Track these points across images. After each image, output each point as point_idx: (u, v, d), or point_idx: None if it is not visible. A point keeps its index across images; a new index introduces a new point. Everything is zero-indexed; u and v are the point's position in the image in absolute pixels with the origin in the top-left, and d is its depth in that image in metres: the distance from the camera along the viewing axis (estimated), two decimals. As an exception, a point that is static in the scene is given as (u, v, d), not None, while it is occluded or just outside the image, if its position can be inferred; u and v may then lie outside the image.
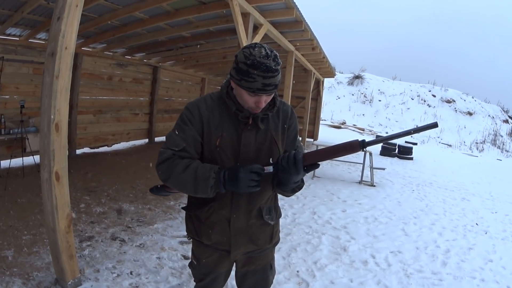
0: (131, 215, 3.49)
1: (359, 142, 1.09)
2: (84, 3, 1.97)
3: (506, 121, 18.37)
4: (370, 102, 19.01)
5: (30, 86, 4.92)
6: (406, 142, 10.28)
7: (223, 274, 1.40)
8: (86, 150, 6.35)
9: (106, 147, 6.85)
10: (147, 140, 8.12)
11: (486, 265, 3.08)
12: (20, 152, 4.56)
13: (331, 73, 10.80)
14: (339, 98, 19.65)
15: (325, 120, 16.83)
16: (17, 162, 4.55)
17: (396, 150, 9.94)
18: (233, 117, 1.21)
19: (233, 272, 1.46)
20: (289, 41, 5.73)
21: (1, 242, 2.58)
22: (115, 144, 7.13)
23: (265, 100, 1.15)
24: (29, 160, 4.62)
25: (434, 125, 1.07)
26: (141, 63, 7.31)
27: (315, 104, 11.55)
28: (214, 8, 4.03)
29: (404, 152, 9.80)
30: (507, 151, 15.55)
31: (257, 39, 4.17)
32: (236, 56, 1.12)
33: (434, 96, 19.36)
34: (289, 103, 1.82)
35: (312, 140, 10.93)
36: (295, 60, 6.56)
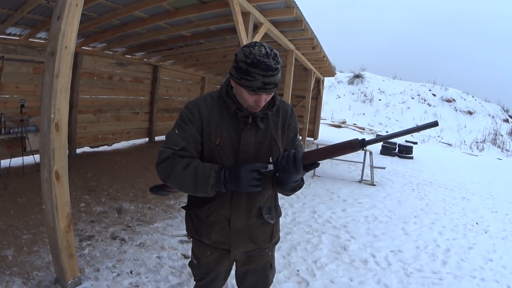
0: (131, 214, 3.49)
1: (359, 141, 1.08)
2: (84, 2, 1.97)
3: (506, 121, 18.36)
4: (370, 101, 19.00)
5: (30, 86, 4.92)
6: (406, 141, 10.25)
7: (223, 273, 1.40)
8: (86, 149, 6.35)
9: (106, 146, 6.85)
10: (147, 139, 8.12)
11: (486, 265, 3.08)
12: (20, 151, 4.57)
13: (331, 72, 10.80)
14: (339, 97, 19.65)
15: (325, 119, 16.83)
16: (17, 161, 4.56)
17: (396, 149, 9.93)
18: (232, 116, 1.20)
19: (233, 271, 1.46)
20: (289, 40, 5.73)
21: (1, 241, 2.59)
22: (115, 143, 7.13)
23: (265, 99, 1.14)
24: (29, 159, 4.62)
25: (434, 124, 1.07)
26: (141, 62, 7.30)
27: (315, 103, 11.55)
28: (214, 7, 4.02)
29: (404, 151, 9.79)
30: (507, 151, 15.55)
31: (257, 38, 4.17)
32: (236, 55, 1.12)
33: (434, 95, 19.35)
34: (289, 102, 1.81)
35: (312, 139, 10.92)
36: (295, 59, 6.56)
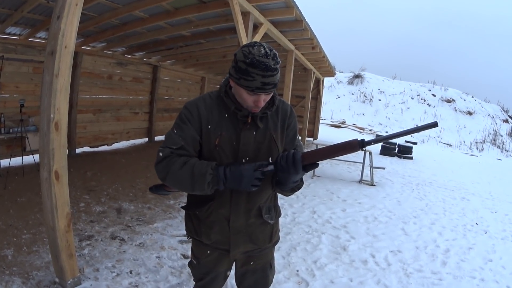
0: (130, 214, 3.49)
1: (359, 141, 1.08)
2: (84, 2, 1.97)
3: (506, 121, 18.36)
4: (370, 102, 19.00)
5: (30, 85, 4.92)
6: (406, 141, 10.27)
7: (222, 274, 1.40)
8: (86, 149, 6.35)
9: (106, 146, 6.85)
10: (147, 139, 8.12)
11: (486, 265, 3.08)
12: (20, 151, 4.57)
13: (331, 72, 10.80)
14: (339, 97, 19.64)
15: (325, 119, 16.83)
16: (16, 161, 4.56)
17: (396, 149, 9.93)
18: (232, 116, 1.20)
19: (233, 271, 1.45)
20: (289, 40, 5.73)
21: (1, 241, 2.58)
22: (115, 143, 7.13)
23: (264, 99, 1.14)
24: (28, 159, 4.62)
25: (434, 124, 1.06)
26: (141, 62, 7.30)
27: (315, 103, 11.54)
28: (214, 7, 4.02)
29: (404, 152, 9.79)
30: (507, 151, 15.55)
31: (257, 38, 4.17)
32: (235, 54, 1.12)
33: (434, 95, 19.35)
34: (289, 102, 1.81)
35: (312, 139, 10.92)
36: (295, 59, 6.56)
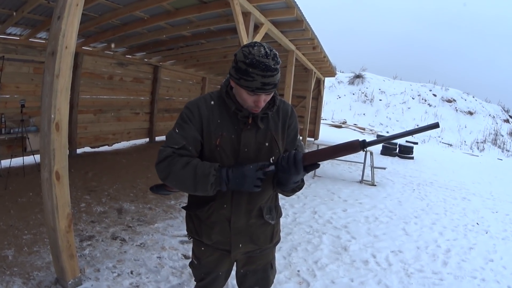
0: (131, 214, 3.49)
1: (360, 142, 1.08)
2: (84, 2, 1.96)
3: (507, 121, 18.33)
4: (370, 102, 18.99)
5: (31, 86, 4.92)
6: (406, 141, 10.27)
7: (223, 274, 1.40)
8: (87, 149, 6.35)
9: (107, 146, 6.85)
10: (147, 139, 8.12)
11: (487, 265, 3.08)
12: (20, 151, 4.57)
13: (331, 72, 10.80)
14: (339, 97, 19.64)
15: (325, 119, 16.83)
16: (17, 161, 4.56)
17: (397, 149, 9.93)
18: (232, 116, 1.20)
19: (234, 271, 1.45)
20: (289, 40, 5.73)
21: (2, 242, 2.59)
22: (116, 144, 7.13)
23: (264, 99, 1.14)
24: (29, 159, 4.63)
25: (435, 125, 1.05)
26: (142, 63, 7.30)
27: (316, 104, 11.54)
28: (214, 8, 4.02)
29: (405, 152, 9.79)
30: (508, 151, 15.53)
31: (257, 39, 4.17)
32: (235, 55, 1.11)
33: (435, 95, 19.33)
34: (290, 103, 1.81)
35: (312, 139, 10.92)
36: (296, 59, 6.56)
